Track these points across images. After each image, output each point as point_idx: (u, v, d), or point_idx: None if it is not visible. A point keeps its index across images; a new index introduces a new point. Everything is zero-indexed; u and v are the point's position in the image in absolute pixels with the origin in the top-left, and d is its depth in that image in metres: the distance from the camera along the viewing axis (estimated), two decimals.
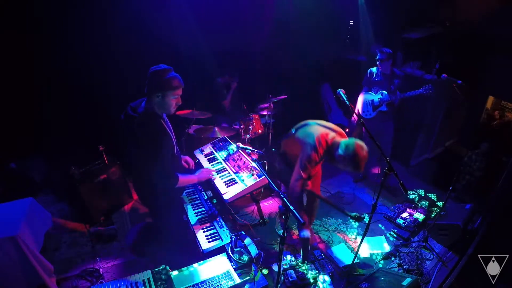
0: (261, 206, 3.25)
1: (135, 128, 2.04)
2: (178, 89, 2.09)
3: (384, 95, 3.57)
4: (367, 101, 3.71)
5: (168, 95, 2.07)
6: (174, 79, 2.06)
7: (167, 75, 2.05)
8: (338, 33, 5.24)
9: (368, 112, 3.74)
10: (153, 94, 2.06)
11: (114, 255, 2.99)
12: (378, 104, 3.63)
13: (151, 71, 2.08)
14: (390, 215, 3.47)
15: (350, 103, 2.38)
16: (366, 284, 2.43)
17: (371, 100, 3.68)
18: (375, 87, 3.67)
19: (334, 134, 2.48)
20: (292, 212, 1.75)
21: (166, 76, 2.04)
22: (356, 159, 2.26)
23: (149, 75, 2.08)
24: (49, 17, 3.38)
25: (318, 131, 2.47)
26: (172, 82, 2.05)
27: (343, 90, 2.53)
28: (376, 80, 3.66)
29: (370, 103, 3.69)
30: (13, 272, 2.26)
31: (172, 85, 2.06)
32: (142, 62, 3.93)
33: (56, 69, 3.59)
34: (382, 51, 3.49)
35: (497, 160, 3.51)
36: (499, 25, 3.40)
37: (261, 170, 2.18)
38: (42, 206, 2.76)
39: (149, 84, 2.08)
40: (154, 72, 2.07)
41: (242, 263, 2.19)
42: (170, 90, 2.06)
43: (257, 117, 4.16)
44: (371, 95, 3.68)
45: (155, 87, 2.05)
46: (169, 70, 2.09)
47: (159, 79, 2.04)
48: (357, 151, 2.25)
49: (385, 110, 3.64)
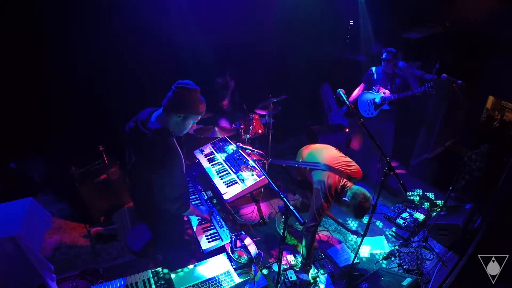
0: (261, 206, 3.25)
1: (146, 147, 1.82)
2: (202, 114, 1.94)
3: (386, 93, 3.56)
4: (368, 100, 3.69)
5: (191, 118, 1.88)
6: (203, 104, 1.88)
7: (198, 97, 1.85)
8: (338, 33, 5.24)
9: (370, 111, 3.70)
10: (174, 112, 1.82)
11: (114, 255, 2.99)
12: (381, 103, 3.60)
13: (179, 87, 1.81)
14: (390, 215, 3.47)
15: (350, 103, 2.38)
16: (366, 284, 2.43)
17: (372, 99, 3.65)
18: (376, 86, 3.65)
19: (345, 180, 2.50)
20: (292, 212, 1.75)
21: (197, 99, 1.85)
22: (358, 209, 2.36)
23: (176, 90, 1.81)
24: (49, 17, 3.38)
25: (331, 180, 2.45)
26: (201, 107, 1.87)
27: (343, 90, 2.53)
28: (378, 79, 3.65)
29: (372, 102, 3.66)
30: (13, 272, 2.26)
31: (200, 110, 1.88)
32: (143, 62, 3.98)
33: (56, 69, 3.59)
34: (389, 51, 3.46)
35: (497, 160, 3.51)
36: (499, 25, 3.40)
37: (261, 170, 2.18)
38: (42, 206, 2.76)
39: (172, 101, 1.81)
40: (184, 89, 1.81)
41: (242, 263, 2.19)
42: (196, 114, 1.89)
43: (257, 117, 4.16)
44: (372, 94, 3.66)
45: (181, 106, 1.82)
46: (198, 91, 1.87)
47: (189, 100, 1.82)
48: (361, 203, 2.33)
49: (388, 108, 3.60)
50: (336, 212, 3.64)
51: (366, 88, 3.75)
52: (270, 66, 4.95)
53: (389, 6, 4.38)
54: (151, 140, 1.80)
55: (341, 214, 3.60)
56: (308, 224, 2.48)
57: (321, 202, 2.42)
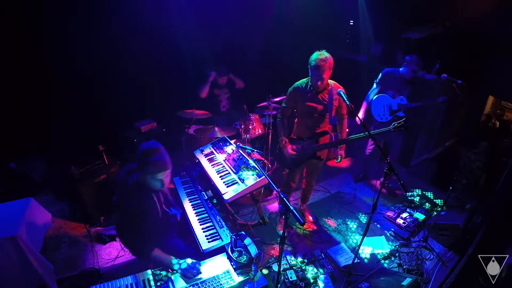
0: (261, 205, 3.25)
1: (122, 194, 2.09)
2: (165, 171, 2.05)
3: (404, 100, 3.47)
4: (385, 104, 3.56)
5: (158, 176, 2.03)
6: (160, 162, 2.01)
7: (155, 156, 2.00)
8: (338, 33, 5.24)
9: (384, 116, 3.59)
10: (143, 171, 2.03)
11: (114, 255, 2.99)
12: (397, 109, 3.51)
13: (138, 151, 2.03)
14: (390, 215, 3.47)
15: (350, 103, 2.38)
16: (366, 284, 2.43)
17: (389, 104, 3.54)
18: (392, 90, 3.52)
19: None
20: (292, 212, 1.75)
21: (153, 158, 1.99)
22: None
23: (138, 153, 2.03)
24: (49, 17, 3.38)
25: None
26: (157, 165, 2.01)
27: (343, 90, 2.53)
28: (394, 83, 3.51)
29: (388, 107, 3.55)
30: (13, 272, 2.26)
31: (158, 169, 2.02)
32: (143, 62, 3.99)
33: (56, 69, 3.60)
34: (418, 62, 3.37)
35: (497, 160, 3.51)
36: (500, 25, 3.40)
37: (261, 170, 2.18)
38: (42, 206, 2.76)
39: (138, 162, 2.05)
40: (142, 152, 2.01)
41: (242, 263, 2.19)
42: (158, 172, 2.02)
43: (257, 117, 4.16)
44: (389, 99, 3.53)
45: (143, 167, 2.01)
46: (156, 150, 2.03)
47: (146, 161, 1.99)
48: None
49: (403, 116, 3.50)
50: (337, 212, 3.65)
51: (381, 91, 3.61)
52: (270, 66, 4.95)
53: (389, 6, 4.38)
54: (128, 193, 2.09)
55: (341, 214, 3.61)
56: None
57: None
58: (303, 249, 3.09)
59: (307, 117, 2.87)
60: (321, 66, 2.56)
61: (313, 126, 2.89)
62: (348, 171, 4.50)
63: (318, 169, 3.22)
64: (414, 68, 3.38)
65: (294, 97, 2.86)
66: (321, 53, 2.59)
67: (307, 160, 2.98)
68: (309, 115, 2.84)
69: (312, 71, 2.65)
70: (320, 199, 3.88)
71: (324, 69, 2.57)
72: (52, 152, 3.85)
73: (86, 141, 3.65)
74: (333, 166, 4.54)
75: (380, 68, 3.65)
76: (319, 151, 2.94)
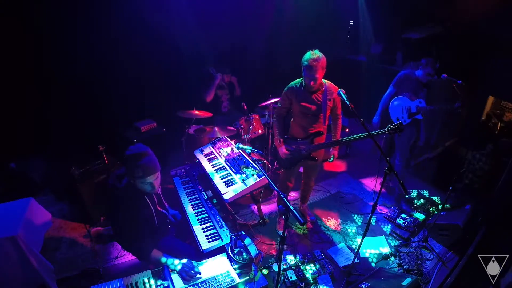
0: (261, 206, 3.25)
1: (114, 200, 2.08)
2: (154, 174, 2.05)
3: (422, 103, 3.42)
4: (403, 106, 3.48)
5: (147, 179, 2.03)
6: (148, 165, 2.00)
7: (142, 159, 1.98)
8: (338, 33, 5.25)
9: (403, 119, 3.50)
10: (132, 176, 2.02)
11: (114, 255, 2.99)
12: (415, 112, 3.45)
13: (125, 156, 2.02)
14: (390, 215, 3.47)
15: (350, 103, 2.38)
16: (366, 284, 2.43)
17: (408, 106, 3.47)
18: (408, 92, 3.46)
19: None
20: (292, 212, 1.75)
21: (141, 162, 1.98)
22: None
23: (125, 158, 2.01)
24: (49, 17, 3.39)
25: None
26: (145, 169, 1.99)
27: (343, 90, 2.53)
28: (410, 85, 3.46)
29: (407, 109, 3.48)
30: (13, 272, 2.26)
31: (146, 173, 2.00)
32: (143, 62, 3.99)
33: (56, 69, 3.59)
34: (434, 65, 3.33)
35: (497, 160, 3.50)
36: (500, 25, 3.40)
37: (261, 170, 2.18)
38: (42, 206, 2.76)
39: (126, 167, 2.05)
40: (130, 156, 2.00)
41: (242, 263, 2.19)
42: (148, 175, 2.01)
43: (257, 117, 4.16)
44: (408, 101, 3.46)
45: (131, 172, 2.01)
46: (144, 154, 2.01)
47: (133, 165, 1.98)
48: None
49: (421, 119, 3.47)
50: (337, 212, 3.65)
51: (397, 93, 3.55)
52: (270, 66, 4.95)
53: (389, 6, 4.39)
54: (119, 196, 2.09)
55: (341, 215, 3.61)
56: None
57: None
58: (303, 249, 3.09)
59: (302, 117, 2.86)
60: (313, 66, 2.55)
61: (308, 126, 2.88)
62: (348, 171, 4.50)
63: (315, 169, 3.22)
64: (430, 71, 3.33)
65: (288, 97, 2.87)
66: (313, 53, 2.58)
67: (302, 160, 2.98)
68: (303, 115, 2.84)
69: (305, 71, 2.64)
70: (320, 199, 3.88)
71: (316, 69, 2.57)
72: (52, 152, 3.85)
73: (86, 141, 3.65)
74: (329, 169, 4.52)
75: (380, 68, 3.65)
76: (313, 152, 2.94)
